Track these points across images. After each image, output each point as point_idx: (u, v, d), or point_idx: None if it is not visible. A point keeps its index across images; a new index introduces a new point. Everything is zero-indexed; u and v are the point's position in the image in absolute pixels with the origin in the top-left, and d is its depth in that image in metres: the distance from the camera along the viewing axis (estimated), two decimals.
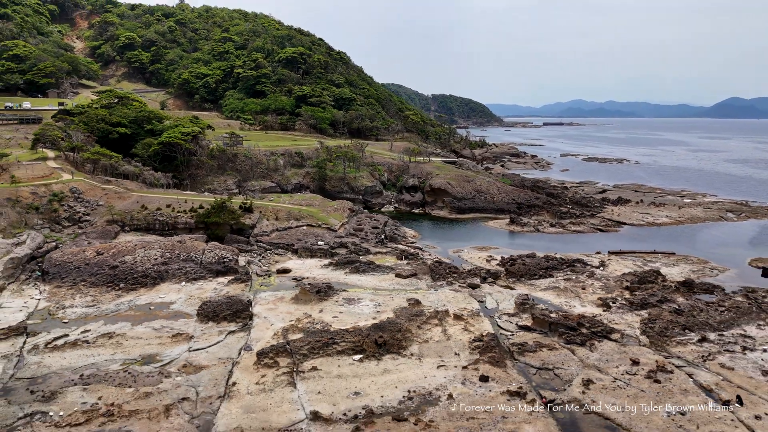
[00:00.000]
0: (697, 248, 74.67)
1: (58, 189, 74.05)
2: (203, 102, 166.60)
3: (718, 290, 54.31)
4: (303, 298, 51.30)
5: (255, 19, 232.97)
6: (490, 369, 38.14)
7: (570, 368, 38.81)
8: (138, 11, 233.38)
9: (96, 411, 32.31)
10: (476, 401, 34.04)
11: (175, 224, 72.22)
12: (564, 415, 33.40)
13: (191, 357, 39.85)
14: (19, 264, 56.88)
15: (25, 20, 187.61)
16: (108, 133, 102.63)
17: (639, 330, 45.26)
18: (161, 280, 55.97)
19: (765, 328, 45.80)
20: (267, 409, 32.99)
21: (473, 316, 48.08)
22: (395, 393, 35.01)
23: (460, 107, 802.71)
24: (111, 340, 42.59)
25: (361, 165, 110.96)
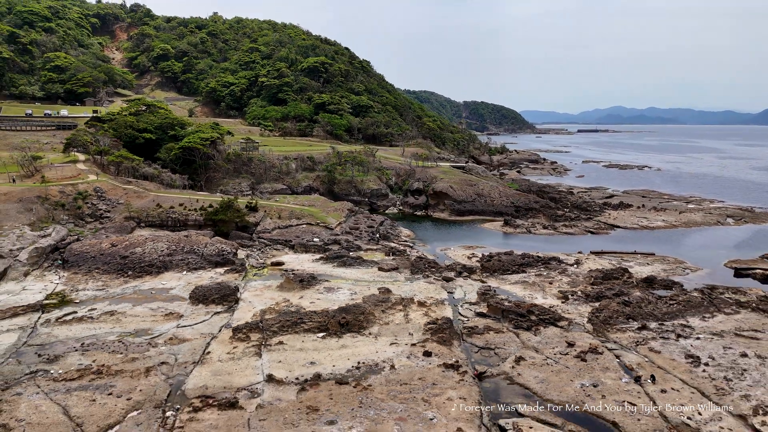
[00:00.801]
0: (680, 250, 77.11)
1: (84, 188, 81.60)
2: (229, 109, 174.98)
3: (677, 286, 57.38)
4: (287, 286, 56.80)
5: (283, 29, 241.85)
6: (436, 347, 42.71)
7: (509, 348, 43.05)
8: (173, 23, 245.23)
9: (88, 370, 38.28)
10: (414, 371, 38.71)
11: (185, 221, 78.83)
12: (490, 385, 37.78)
13: (178, 332, 45.66)
14: (43, 253, 64.06)
15: (68, 33, 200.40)
16: (135, 139, 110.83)
17: (586, 318, 49.08)
18: (165, 269, 62.32)
19: (708, 319, 48.95)
20: (232, 373, 38.38)
21: (437, 303, 52.69)
22: (346, 363, 39.96)
23: (491, 114, 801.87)
24: (112, 317, 48.84)
25: (371, 169, 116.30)
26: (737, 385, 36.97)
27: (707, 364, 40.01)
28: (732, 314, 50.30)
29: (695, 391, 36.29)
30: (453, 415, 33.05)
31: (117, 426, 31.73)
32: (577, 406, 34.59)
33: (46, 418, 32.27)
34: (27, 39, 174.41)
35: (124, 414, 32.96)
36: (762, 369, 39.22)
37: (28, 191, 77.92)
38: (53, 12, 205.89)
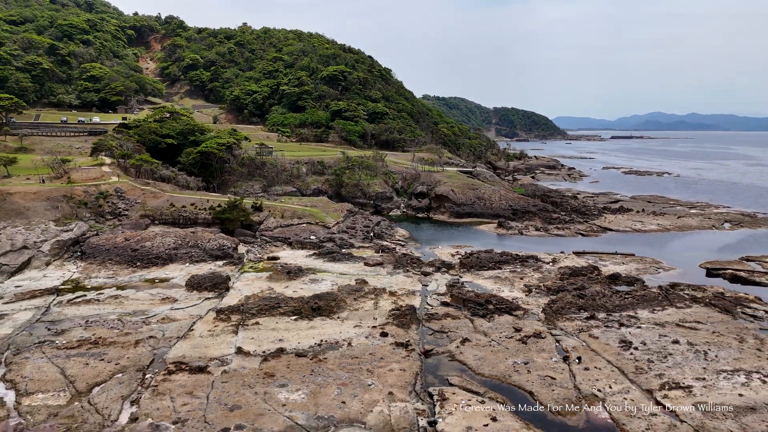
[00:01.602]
0: (663, 251, 79.83)
1: (105, 189, 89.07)
2: (251, 116, 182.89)
3: (638, 283, 60.70)
4: (275, 277, 62.38)
5: (309, 38, 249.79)
6: (394, 329, 47.52)
7: (461, 332, 47.51)
8: (203, 34, 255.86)
9: (87, 341, 44.42)
10: (367, 348, 43.62)
11: (195, 219, 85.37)
12: (433, 361, 42.37)
13: (170, 313, 51.61)
14: (64, 246, 71.26)
15: (104, 45, 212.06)
16: (158, 144, 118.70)
17: (541, 309, 53.11)
18: (170, 261, 68.70)
19: (656, 312, 52.39)
20: (209, 347, 43.96)
21: (408, 294, 57.44)
22: (310, 341, 45.11)
23: (521, 120, 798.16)
24: (116, 300, 55.19)
25: (378, 173, 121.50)
26: (657, 366, 40.68)
27: (637, 348, 43.73)
28: (683, 308, 53.57)
29: (615, 370, 40.19)
30: (390, 382, 37.85)
31: (103, 384, 37.57)
32: (502, 379, 38.96)
33: (45, 376, 38.37)
34: (66, 51, 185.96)
35: (111, 375, 38.82)
36: (687, 354, 42.78)
37: (55, 191, 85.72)
38: (91, 25, 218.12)
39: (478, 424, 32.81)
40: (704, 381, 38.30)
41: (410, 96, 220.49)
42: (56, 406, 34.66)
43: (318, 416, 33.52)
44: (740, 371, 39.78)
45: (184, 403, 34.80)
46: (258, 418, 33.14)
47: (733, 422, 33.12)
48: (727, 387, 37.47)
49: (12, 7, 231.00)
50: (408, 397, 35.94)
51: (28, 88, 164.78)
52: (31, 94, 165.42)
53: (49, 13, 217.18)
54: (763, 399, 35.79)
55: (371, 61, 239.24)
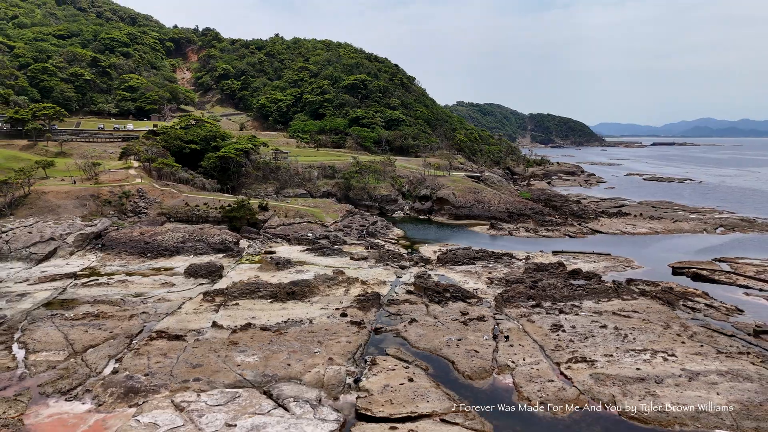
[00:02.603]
0: (640, 252, 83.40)
1: (128, 189, 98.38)
2: (276, 123, 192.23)
3: (596, 278, 65.14)
4: (265, 267, 69.53)
5: (337, 48, 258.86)
6: (354, 311, 53.80)
7: (413, 315, 53.36)
8: (236, 45, 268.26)
9: (90, 314, 52.32)
10: (325, 325, 50.03)
11: (206, 217, 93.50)
12: (380, 336, 48.41)
13: (166, 295, 59.25)
14: (87, 239, 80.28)
15: (143, 57, 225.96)
16: (182, 149, 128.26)
17: (493, 297, 58.47)
18: (177, 253, 76.78)
19: (601, 302, 57.00)
20: (190, 321, 51.20)
21: (379, 283, 63.61)
22: (278, 319, 51.82)
23: (557, 127, 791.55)
24: (123, 283, 63.27)
25: (386, 177, 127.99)
26: (575, 345, 45.72)
27: (564, 331, 48.75)
28: (628, 300, 57.96)
29: (536, 347, 45.44)
30: (334, 351, 44.16)
31: (96, 346, 45.12)
32: (433, 351, 44.76)
33: (51, 339, 46.24)
34: (106, 63, 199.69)
35: (104, 340, 46.40)
36: (608, 336, 47.59)
37: (84, 191, 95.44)
38: (132, 38, 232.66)
39: (395, 383, 38.75)
40: (611, 357, 43.17)
41: (431, 103, 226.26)
42: (55, 361, 42.33)
43: (264, 374, 40.09)
44: (649, 351, 44.43)
45: (158, 361, 41.95)
46: (214, 374, 39.96)
47: (617, 388, 38.08)
48: (629, 362, 42.28)
49: (61, 23, 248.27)
50: (345, 363, 42.18)
51: (72, 98, 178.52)
52: (74, 103, 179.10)
53: (94, 28, 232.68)
54: (657, 373, 40.50)
55: (396, 70, 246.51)
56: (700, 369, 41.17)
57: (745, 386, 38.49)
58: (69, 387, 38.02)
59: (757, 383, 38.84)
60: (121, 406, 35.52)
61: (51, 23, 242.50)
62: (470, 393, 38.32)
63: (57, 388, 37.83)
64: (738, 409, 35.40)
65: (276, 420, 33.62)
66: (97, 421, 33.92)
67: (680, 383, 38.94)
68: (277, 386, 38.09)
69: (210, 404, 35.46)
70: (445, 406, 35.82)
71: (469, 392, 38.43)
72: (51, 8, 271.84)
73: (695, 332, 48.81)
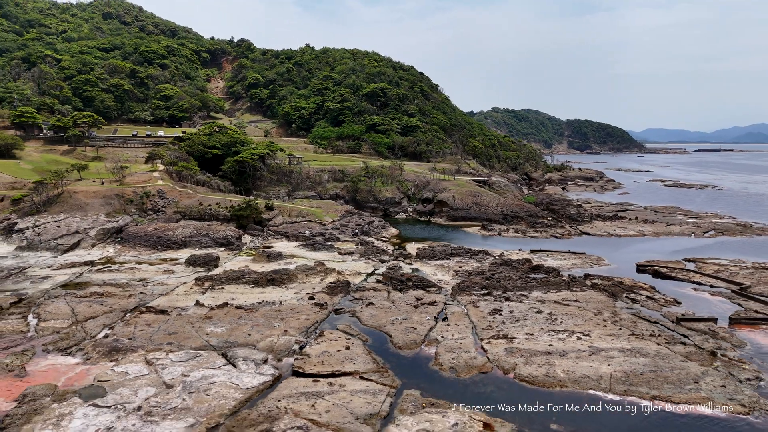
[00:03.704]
0: (615, 251, 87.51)
1: (149, 190, 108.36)
2: (299, 130, 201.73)
3: (554, 272, 70.34)
4: (258, 259, 77.45)
5: (364, 57, 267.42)
6: (322, 296, 60.90)
7: (374, 300, 59.97)
8: (268, 55, 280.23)
9: (96, 293, 61.12)
10: (292, 305, 57.31)
11: (217, 216, 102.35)
12: (338, 315, 55.36)
13: (165, 280, 67.75)
14: (108, 233, 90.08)
15: (178, 68, 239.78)
16: (205, 154, 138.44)
17: (451, 287, 64.61)
18: (184, 246, 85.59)
19: (549, 293, 62.36)
20: (179, 301, 59.31)
21: (354, 274, 70.58)
22: (253, 300, 59.34)
23: (595, 133, 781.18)
24: (131, 270, 72.20)
25: (393, 181, 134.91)
26: (504, 326, 51.58)
27: (501, 314, 54.62)
28: (576, 291, 63.15)
29: (469, 327, 51.52)
30: (291, 325, 51.36)
31: (95, 318, 53.63)
32: (378, 328, 51.43)
33: (60, 311, 55.01)
34: (144, 74, 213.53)
35: (103, 313, 54.89)
36: (538, 319, 53.21)
37: (110, 191, 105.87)
38: (169, 50, 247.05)
39: (333, 350, 45.63)
40: (531, 336, 48.93)
41: (450, 110, 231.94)
42: (60, 327, 50.94)
43: (226, 341, 47.62)
44: (568, 332, 49.94)
45: (142, 329, 50.04)
46: (185, 340, 47.73)
47: (522, 359, 43.97)
48: (545, 340, 47.98)
49: (106, 36, 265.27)
50: (297, 334, 49.33)
51: (111, 107, 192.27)
52: (113, 112, 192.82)
53: (135, 41, 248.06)
54: (565, 348, 46.11)
55: (419, 78, 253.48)
56: (606, 346, 46.55)
57: (637, 360, 43.77)
58: (66, 346, 46.42)
59: (650, 359, 44.04)
60: (104, 361, 43.56)
61: (96, 37, 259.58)
62: (395, 359, 44.87)
63: (56, 347, 46.28)
64: (619, 376, 40.87)
65: (222, 372, 41.03)
66: (82, 370, 42.01)
67: (581, 356, 44.50)
68: (233, 350, 45.54)
69: (174, 361, 43.17)
70: (368, 367, 42.51)
71: (395, 359, 44.98)
72: (98, 23, 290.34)
73: (622, 318, 53.90)
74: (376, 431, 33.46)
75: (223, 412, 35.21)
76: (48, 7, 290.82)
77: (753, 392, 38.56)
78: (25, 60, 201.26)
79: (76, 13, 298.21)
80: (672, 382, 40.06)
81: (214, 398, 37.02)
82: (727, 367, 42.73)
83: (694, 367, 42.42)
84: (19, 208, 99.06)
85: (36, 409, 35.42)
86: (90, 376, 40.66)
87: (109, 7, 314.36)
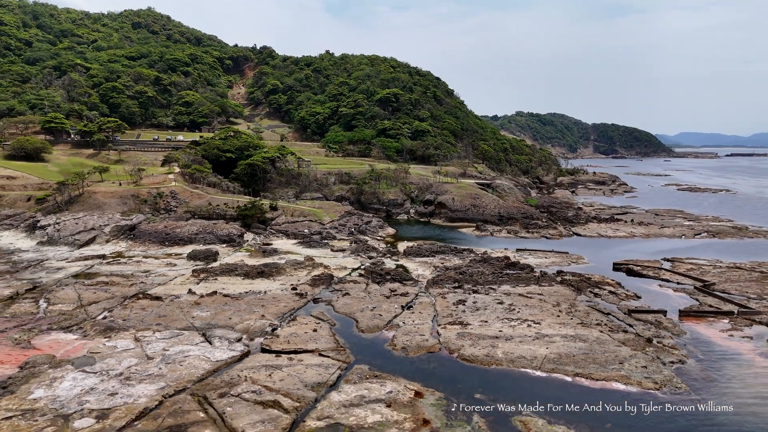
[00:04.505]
0: (599, 251, 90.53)
1: (163, 191, 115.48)
2: (313, 135, 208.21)
3: (527, 268, 74.34)
4: (254, 255, 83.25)
5: (382, 63, 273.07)
6: (305, 287, 66.17)
7: (351, 291, 64.96)
8: (288, 62, 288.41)
9: (102, 282, 67.54)
10: (274, 295, 62.70)
11: (224, 215, 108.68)
12: (316, 304, 60.47)
13: (166, 272, 73.93)
14: (121, 230, 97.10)
15: (201, 75, 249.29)
16: (219, 157, 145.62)
17: (426, 280, 69.19)
18: (190, 242, 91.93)
19: (517, 287, 66.41)
20: (174, 289, 65.25)
21: (340, 268, 75.73)
22: (241, 290, 64.86)
23: (621, 137, 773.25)
24: (138, 263, 78.69)
25: (397, 183, 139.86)
26: (464, 314, 55.91)
27: (465, 304, 59.01)
28: (544, 286, 67.08)
29: (431, 315, 56.05)
30: (269, 311, 56.74)
31: (97, 302, 59.88)
32: (347, 314, 56.42)
33: (67, 296, 61.45)
34: (167, 81, 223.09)
35: (105, 298, 61.12)
36: (497, 309, 57.44)
37: (126, 191, 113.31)
38: (192, 58, 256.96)
39: (301, 332, 50.77)
40: (485, 323, 53.28)
41: (463, 115, 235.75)
42: (65, 310, 57.25)
43: (208, 323, 53.19)
44: (521, 320, 54.11)
45: (136, 313, 56.02)
46: (172, 322, 53.49)
47: (469, 342, 48.42)
48: (497, 326, 52.28)
49: (134, 45, 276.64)
50: (273, 319, 54.66)
51: (135, 112, 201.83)
52: (137, 117, 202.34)
53: (160, 50, 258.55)
54: (512, 334, 50.35)
55: (436, 83, 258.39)
56: (551, 333, 50.68)
57: (576, 345, 47.84)
58: (68, 325, 52.62)
59: (587, 344, 48.06)
60: (99, 337, 49.53)
61: (125, 45, 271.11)
62: (356, 340, 49.81)
63: (60, 325, 52.52)
64: (552, 357, 45.07)
65: (198, 348, 46.59)
66: (79, 344, 48.00)
67: (525, 341, 48.75)
68: (212, 330, 51.11)
69: (159, 338, 48.91)
70: (328, 346, 47.56)
71: (356, 340, 49.93)
72: (127, 32, 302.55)
73: (578, 310, 57.81)
74: (320, 395, 38.44)
75: (191, 379, 40.65)
76: (81, 18, 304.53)
77: (670, 372, 42.36)
78: (57, 68, 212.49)
79: (107, 23, 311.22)
80: (599, 362, 44.10)
81: (186, 368, 42.50)
82: (657, 351, 46.50)
83: (625, 351, 46.31)
84: (43, 207, 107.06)
85: (34, 374, 41.39)
86: (84, 349, 46.60)
87: (138, 17, 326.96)
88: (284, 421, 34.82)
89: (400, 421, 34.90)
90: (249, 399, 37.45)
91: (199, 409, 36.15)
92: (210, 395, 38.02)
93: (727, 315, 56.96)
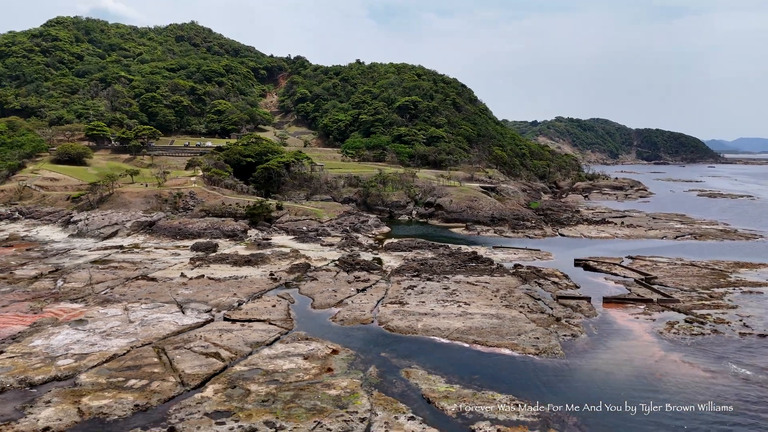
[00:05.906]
0: (571, 250, 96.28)
1: (183, 191, 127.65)
2: (335, 141, 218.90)
3: (487, 261, 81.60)
4: (249, 247, 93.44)
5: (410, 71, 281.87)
6: (281, 273, 75.59)
7: (320, 277, 74.06)
8: (318, 72, 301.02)
9: (112, 267, 78.83)
10: (252, 279, 72.35)
11: (234, 213, 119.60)
12: (287, 288, 69.79)
13: (169, 260, 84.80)
14: (141, 225, 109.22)
15: (234, 85, 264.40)
16: (240, 162, 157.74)
17: (391, 270, 77.53)
18: (198, 237, 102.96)
19: (470, 276, 73.90)
20: (170, 274, 75.76)
21: (320, 260, 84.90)
22: (226, 275, 74.77)
23: (666, 142, 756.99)
24: (148, 253, 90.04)
25: (404, 186, 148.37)
26: (408, 296, 63.88)
27: (413, 289, 67.00)
28: (497, 276, 74.24)
29: (380, 296, 64.46)
30: (242, 291, 66.34)
31: (104, 282, 70.93)
32: (308, 295, 65.45)
33: (80, 276, 72.84)
34: (202, 91, 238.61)
35: (110, 279, 72.18)
36: (440, 294, 65.12)
37: (150, 192, 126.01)
38: (227, 69, 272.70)
39: (261, 306, 60.09)
40: (421, 303, 61.18)
41: (482, 121, 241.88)
42: (77, 287, 68.44)
43: (188, 299, 63.20)
44: (455, 302, 61.75)
45: (133, 290, 66.63)
46: (159, 297, 63.75)
47: (399, 316, 56.60)
48: (430, 306, 60.15)
49: (176, 57, 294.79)
50: (242, 297, 64.25)
51: (171, 120, 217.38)
52: (173, 125, 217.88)
53: (198, 61, 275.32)
54: (440, 311, 58.16)
55: (459, 90, 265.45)
56: (475, 312, 58.31)
57: (490, 321, 55.36)
58: (75, 297, 63.62)
59: (500, 321, 55.49)
60: (96, 307, 60.16)
61: (167, 58, 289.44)
62: (306, 314, 58.77)
63: (68, 297, 63.56)
64: (462, 329, 52.82)
65: (172, 316, 56.54)
66: (81, 310, 58.74)
67: (448, 317, 56.58)
68: (189, 304, 61.07)
69: (143, 308, 59.19)
70: (279, 317, 56.71)
71: (306, 314, 58.89)
72: (170, 45, 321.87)
73: (513, 295, 65.01)
74: (254, 350, 47.55)
75: (157, 336, 50.49)
76: (128, 32, 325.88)
77: (557, 342, 49.50)
78: (103, 80, 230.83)
79: (152, 37, 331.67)
80: (500, 334, 51.62)
81: (156, 329, 52.43)
82: (559, 328, 53.58)
83: (530, 326, 53.59)
84: (78, 205, 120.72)
85: (38, 330, 52.10)
86: (83, 314, 57.27)
87: (182, 30, 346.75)
88: (217, 365, 44.05)
89: (308, 369, 43.61)
90: (197, 351, 46.91)
91: (155, 356, 45.82)
92: (167, 348, 47.70)
93: (646, 302, 63.07)
